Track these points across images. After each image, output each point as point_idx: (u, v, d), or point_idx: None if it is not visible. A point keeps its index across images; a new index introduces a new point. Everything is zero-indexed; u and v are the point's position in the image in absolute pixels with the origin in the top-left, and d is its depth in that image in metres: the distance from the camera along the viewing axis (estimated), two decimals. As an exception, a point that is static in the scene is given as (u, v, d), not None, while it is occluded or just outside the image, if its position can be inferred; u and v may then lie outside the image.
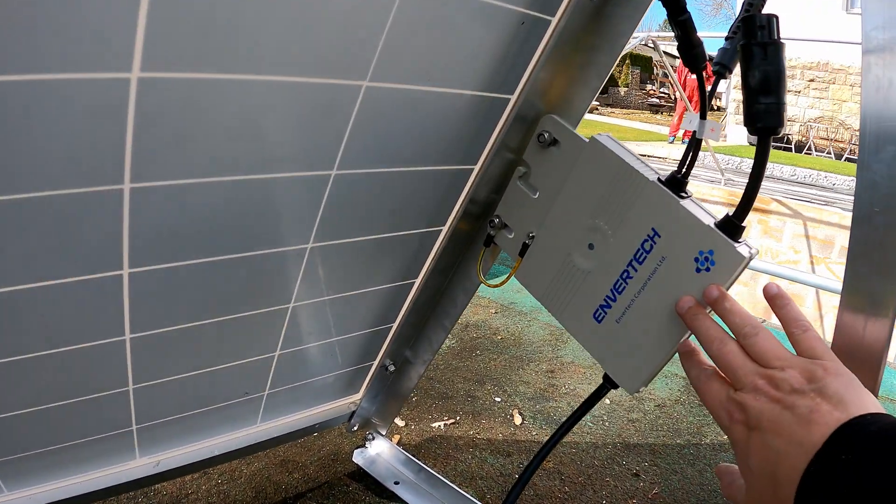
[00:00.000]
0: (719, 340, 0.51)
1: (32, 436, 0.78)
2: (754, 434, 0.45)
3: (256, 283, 0.74)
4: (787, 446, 0.42)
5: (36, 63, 0.43)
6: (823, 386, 0.43)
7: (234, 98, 0.53)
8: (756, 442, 0.44)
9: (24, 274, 0.57)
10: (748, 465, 0.45)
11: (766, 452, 0.43)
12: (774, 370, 0.47)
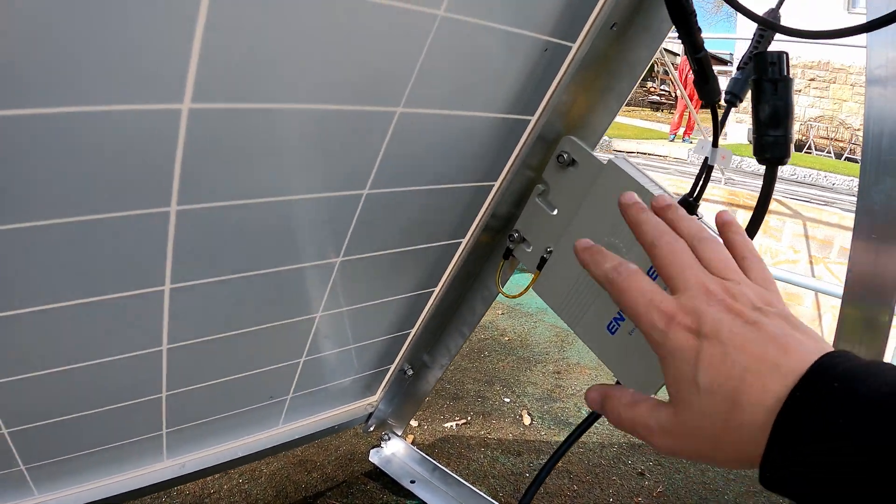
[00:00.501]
0: (670, 236, 0.44)
1: (67, 441, 0.80)
2: (708, 344, 0.36)
3: (288, 296, 0.78)
4: (757, 365, 0.35)
5: (97, 95, 0.46)
6: (787, 314, 0.38)
7: (277, 125, 0.57)
8: (711, 354, 0.36)
9: (75, 291, 0.61)
10: (693, 380, 0.36)
11: (726, 368, 0.35)
12: (730, 282, 0.40)
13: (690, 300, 0.39)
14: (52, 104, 0.45)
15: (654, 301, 0.39)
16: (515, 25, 0.61)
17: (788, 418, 0.32)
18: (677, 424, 0.38)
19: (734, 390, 0.35)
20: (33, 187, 0.50)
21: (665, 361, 0.39)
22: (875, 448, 0.29)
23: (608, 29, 0.66)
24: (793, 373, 0.33)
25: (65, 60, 0.43)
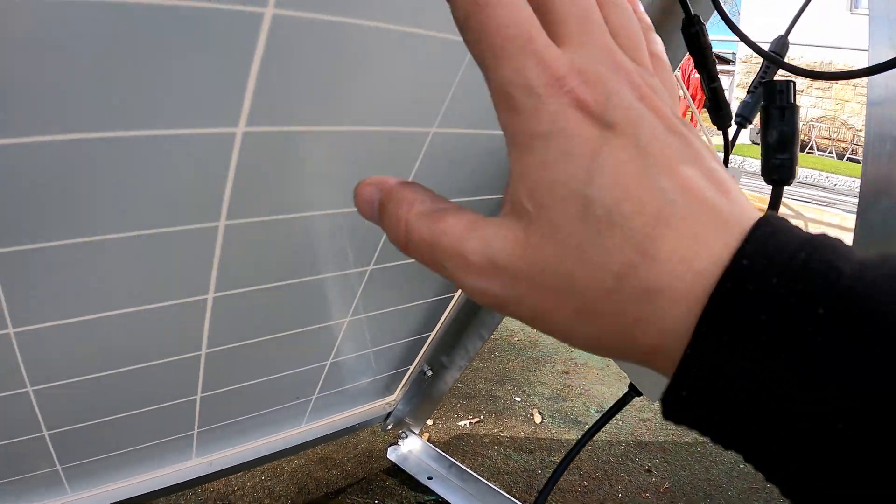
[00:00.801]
0: None
1: (102, 441, 0.84)
2: (619, 143, 0.21)
3: (320, 302, 0.83)
4: (689, 199, 0.21)
5: (159, 120, 0.50)
6: (688, 125, 0.24)
7: (322, 146, 0.61)
8: (622, 159, 0.21)
9: (126, 300, 0.65)
10: (579, 192, 0.21)
11: (643, 188, 0.21)
12: (642, 68, 0.25)
13: (592, 63, 0.23)
14: (126, 128, 0.49)
15: (536, 42, 0.22)
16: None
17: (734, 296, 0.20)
18: (523, 260, 0.22)
19: (649, 231, 0.21)
20: (101, 203, 0.54)
21: (527, 150, 0.22)
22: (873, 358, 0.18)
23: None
24: (737, 227, 0.21)
25: (138, 89, 0.47)
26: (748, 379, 0.19)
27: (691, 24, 0.58)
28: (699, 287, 0.20)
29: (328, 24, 0.51)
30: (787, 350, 0.19)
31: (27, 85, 0.42)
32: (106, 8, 0.41)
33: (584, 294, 0.21)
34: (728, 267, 0.20)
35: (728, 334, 0.19)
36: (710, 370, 0.20)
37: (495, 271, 0.22)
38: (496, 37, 0.22)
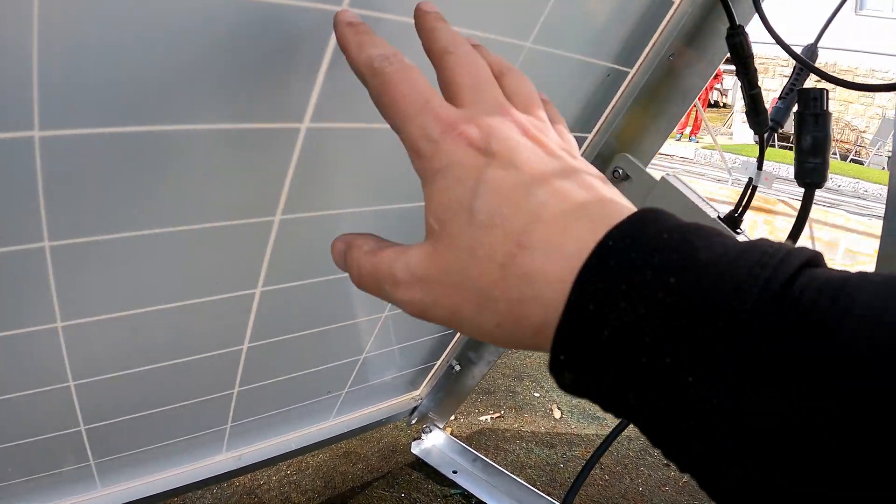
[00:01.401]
0: (471, 48, 0.34)
1: (137, 436, 0.85)
2: (497, 164, 0.27)
3: (361, 297, 0.84)
4: (558, 200, 0.26)
5: (229, 114, 0.52)
6: (578, 157, 0.30)
7: (376, 143, 0.63)
8: (500, 176, 0.27)
9: (175, 294, 0.66)
10: (467, 207, 0.27)
11: (517, 196, 0.26)
12: (535, 118, 0.32)
13: (480, 113, 0.29)
14: (191, 121, 0.51)
15: (431, 104, 0.29)
16: (588, 55, 0.68)
17: (596, 270, 0.23)
18: (433, 268, 0.28)
19: (522, 227, 0.25)
20: (162, 196, 0.56)
21: (431, 183, 0.29)
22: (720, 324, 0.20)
23: (666, 58, 0.73)
24: (604, 218, 0.25)
25: (210, 83, 0.49)
26: (611, 342, 0.22)
27: (736, 33, 0.60)
28: (569, 268, 0.24)
29: (395, 24, 0.53)
30: (643, 314, 0.22)
31: (101, 77, 0.44)
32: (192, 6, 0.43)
33: (479, 286, 0.26)
34: (595, 247, 0.24)
35: (593, 303, 0.23)
36: (581, 335, 0.23)
37: (416, 282, 0.28)
38: (400, 104, 0.30)
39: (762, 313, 0.20)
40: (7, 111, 0.42)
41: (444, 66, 0.33)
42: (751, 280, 0.21)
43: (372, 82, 0.32)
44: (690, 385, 0.21)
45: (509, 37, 0.61)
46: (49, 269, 0.54)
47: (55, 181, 0.48)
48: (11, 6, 0.37)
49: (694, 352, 0.21)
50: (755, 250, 0.22)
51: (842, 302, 0.20)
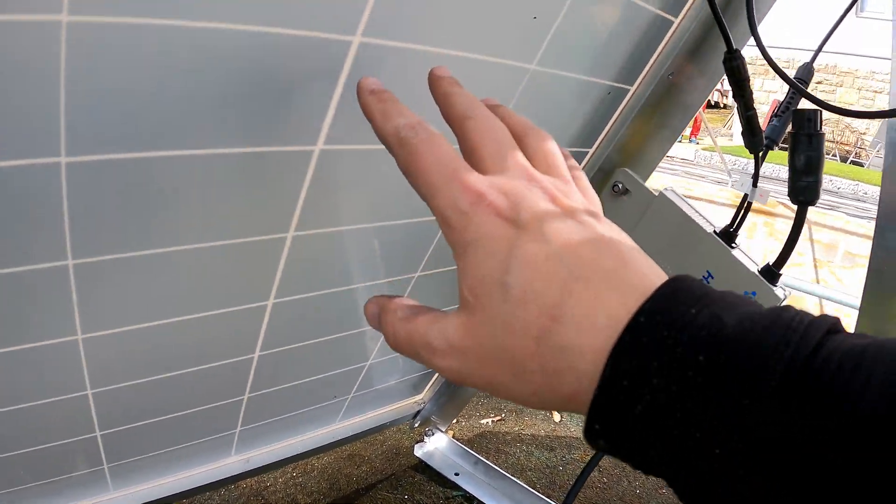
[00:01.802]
0: (489, 112, 0.35)
1: (149, 440, 0.87)
2: (528, 237, 0.28)
3: (369, 305, 0.87)
4: (589, 272, 0.27)
5: (240, 139, 0.54)
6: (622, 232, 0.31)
7: (384, 163, 0.65)
8: (530, 249, 0.27)
9: (192, 307, 0.69)
10: (500, 281, 0.27)
11: (548, 269, 0.27)
12: (558, 179, 0.33)
13: (508, 181, 0.30)
14: (210, 146, 0.53)
15: (459, 174, 0.30)
16: (589, 74, 0.70)
17: (630, 348, 0.24)
18: (469, 340, 0.28)
19: (555, 301, 0.26)
20: (182, 216, 0.58)
21: (463, 255, 0.29)
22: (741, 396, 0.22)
23: (665, 77, 0.75)
24: (633, 290, 0.26)
25: (228, 110, 0.51)
26: (644, 417, 0.24)
27: (733, 57, 0.63)
28: (602, 340, 0.25)
29: (410, 52, 0.55)
30: (674, 392, 0.23)
31: (125, 106, 0.46)
32: (215, 37, 0.45)
33: (514, 358, 0.27)
34: (628, 323, 0.25)
35: (627, 379, 0.24)
36: (615, 409, 0.24)
37: (452, 351, 0.29)
38: (428, 175, 0.31)
39: (786, 390, 0.21)
40: (36, 139, 0.44)
41: (465, 133, 0.34)
42: (776, 357, 0.22)
43: (399, 152, 0.33)
44: (717, 457, 0.22)
45: (515, 60, 0.63)
46: (72, 286, 0.57)
47: (80, 203, 0.50)
48: (40, 41, 0.39)
49: (722, 427, 0.22)
50: (780, 324, 0.23)
51: (861, 374, 0.21)
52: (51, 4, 0.38)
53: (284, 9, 0.46)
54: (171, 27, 0.43)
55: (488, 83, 0.63)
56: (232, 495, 1.24)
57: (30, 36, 0.39)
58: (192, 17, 0.43)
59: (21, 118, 0.42)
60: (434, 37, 0.56)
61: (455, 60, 0.59)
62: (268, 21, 0.46)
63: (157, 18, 0.42)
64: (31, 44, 0.39)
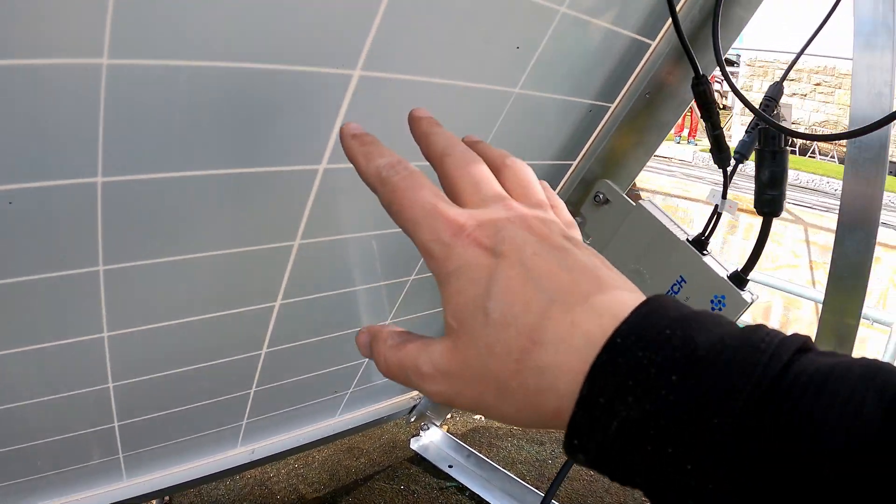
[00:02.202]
0: (467, 148, 0.38)
1: (163, 431, 0.93)
2: (506, 265, 0.29)
3: (369, 307, 0.93)
4: (565, 296, 0.28)
5: (253, 160, 0.60)
6: (599, 255, 0.32)
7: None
8: (509, 276, 0.29)
9: (207, 307, 0.75)
10: (481, 307, 0.29)
11: (527, 294, 0.28)
12: (536, 208, 0.34)
13: (486, 213, 0.32)
14: (227, 166, 0.60)
15: (439, 208, 0.32)
16: (572, 95, 0.77)
17: (606, 367, 0.25)
18: (455, 363, 0.30)
19: (534, 324, 0.28)
20: (204, 226, 0.65)
21: (446, 284, 0.31)
22: (709, 411, 0.23)
23: (643, 96, 0.82)
24: (609, 312, 0.27)
25: (243, 135, 0.58)
26: (620, 433, 0.25)
27: (700, 83, 0.69)
28: (579, 361, 0.26)
29: (399, 81, 0.61)
30: (648, 410, 0.24)
31: (155, 132, 0.53)
32: (221, 74, 0.52)
33: (497, 379, 0.29)
34: (604, 344, 0.26)
35: (603, 397, 0.25)
36: (592, 426, 0.26)
37: (440, 375, 0.31)
38: (410, 211, 0.32)
39: (753, 410, 0.23)
40: (77, 162, 0.51)
41: (444, 170, 0.36)
42: (744, 378, 0.23)
43: (381, 191, 0.34)
44: (689, 473, 0.23)
45: (499, 85, 0.69)
46: (101, 288, 0.63)
47: (112, 217, 0.57)
48: (84, 79, 0.46)
49: (693, 444, 0.23)
50: (749, 344, 0.24)
51: (825, 397, 0.22)
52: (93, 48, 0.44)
53: (294, 47, 0.53)
54: (195, 67, 0.49)
55: (476, 106, 0.70)
56: (237, 485, 1.30)
57: (75, 74, 0.45)
58: (215, 58, 0.50)
59: (65, 144, 0.49)
60: (426, 68, 0.62)
61: (444, 88, 0.65)
62: (279, 59, 0.53)
63: (183, 60, 0.48)
64: (76, 81, 0.46)
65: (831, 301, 0.82)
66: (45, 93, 0.45)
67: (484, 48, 0.64)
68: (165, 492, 1.04)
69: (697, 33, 0.78)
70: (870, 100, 0.74)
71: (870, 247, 0.73)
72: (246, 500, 1.26)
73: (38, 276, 0.59)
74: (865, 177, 0.71)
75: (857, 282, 0.74)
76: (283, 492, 1.29)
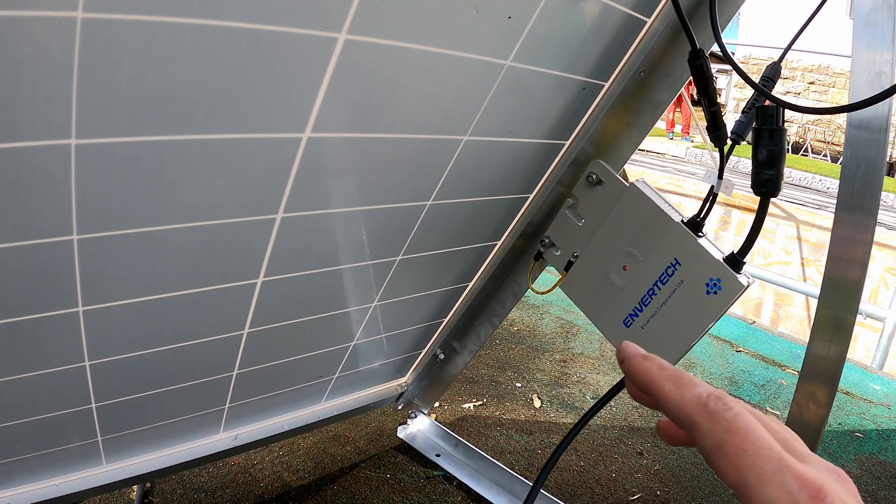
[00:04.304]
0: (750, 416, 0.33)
1: (142, 414, 0.91)
2: None
3: (354, 288, 0.91)
4: None
5: (239, 126, 0.58)
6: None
7: (369, 150, 0.70)
8: None
9: (187, 283, 0.73)
10: None
11: None
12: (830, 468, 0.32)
13: (824, 473, 0.30)
14: (205, 132, 0.57)
15: (786, 461, 0.29)
16: (564, 70, 0.75)
17: None
18: None
19: None
20: (181, 195, 0.62)
21: None
22: None
23: (637, 74, 0.80)
24: None
25: (223, 100, 0.56)
26: None
27: (696, 56, 0.67)
28: None
29: (387, 47, 0.59)
30: None
31: (130, 94, 0.51)
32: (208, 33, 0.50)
33: None
34: None
35: None
36: None
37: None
38: (755, 459, 0.29)
39: None
40: (50, 123, 0.48)
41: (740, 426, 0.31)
42: None
43: (707, 427, 0.31)
44: None
45: (491, 56, 0.67)
46: (75, 259, 0.61)
47: (87, 182, 0.54)
48: (56, 36, 0.43)
49: None
50: None
51: None
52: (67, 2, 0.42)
53: (277, 6, 0.50)
54: (174, 24, 0.47)
55: (466, 77, 0.68)
56: (220, 472, 1.28)
57: (48, 27, 0.43)
58: (194, 15, 0.47)
59: (37, 104, 0.47)
60: (414, 34, 0.60)
61: (433, 57, 0.63)
62: (261, 18, 0.50)
63: (163, 16, 0.46)
64: (49, 37, 0.44)
65: (829, 282, 0.80)
66: (16, 48, 0.43)
67: (475, 16, 0.62)
68: (146, 477, 1.02)
69: (695, 9, 0.76)
70: (870, 80, 0.72)
71: (869, 229, 0.72)
72: (229, 488, 1.24)
73: (9, 245, 0.56)
74: (865, 157, 0.70)
75: (854, 265, 0.73)
76: (267, 479, 1.27)
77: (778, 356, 2.18)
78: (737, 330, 2.39)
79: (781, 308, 5.40)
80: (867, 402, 1.93)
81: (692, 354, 2.09)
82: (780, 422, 0.33)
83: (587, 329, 2.17)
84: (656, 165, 7.90)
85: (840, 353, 0.77)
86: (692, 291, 0.77)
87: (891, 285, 4.93)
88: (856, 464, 1.55)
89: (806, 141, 10.58)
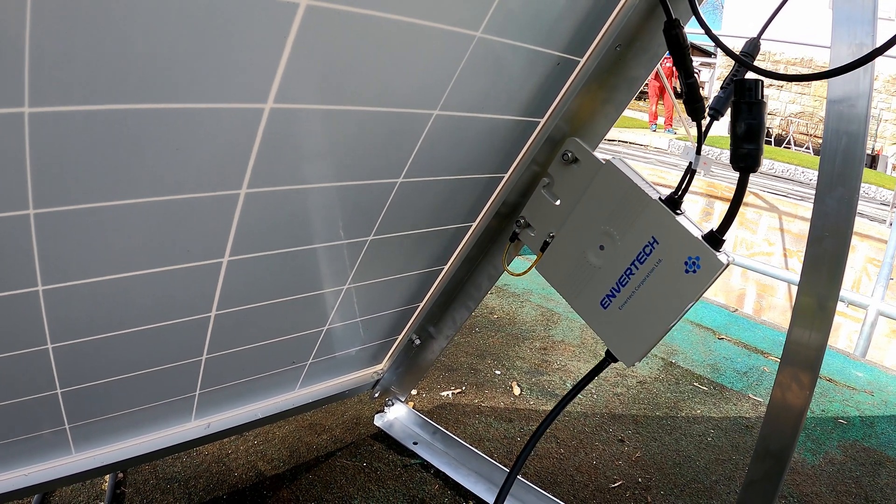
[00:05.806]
0: None
1: (110, 401, 0.89)
2: None
3: (323, 269, 0.89)
4: None
5: (200, 95, 0.56)
6: None
7: (335, 123, 0.67)
8: None
9: (150, 261, 0.70)
10: None
11: None
12: None
13: None
14: (163, 101, 0.55)
15: None
16: (537, 44, 0.72)
17: None
18: None
19: None
20: (141, 168, 0.60)
21: None
22: None
23: (613, 49, 0.78)
24: None
25: (181, 68, 0.53)
26: None
27: (672, 26, 0.65)
28: None
29: (351, 15, 0.57)
30: None
31: (86, 59, 0.48)
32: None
33: None
34: None
35: None
36: None
37: None
38: None
39: None
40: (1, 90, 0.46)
41: None
42: None
43: None
44: None
45: (459, 26, 0.65)
46: (32, 235, 0.58)
47: (43, 154, 0.52)
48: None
49: None
50: None
51: None
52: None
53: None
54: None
55: (434, 48, 0.65)
56: (193, 462, 1.26)
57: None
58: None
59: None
60: (378, 1, 0.57)
61: (399, 26, 0.61)
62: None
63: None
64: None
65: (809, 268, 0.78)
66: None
67: (442, -20, 0.60)
68: (117, 466, 0.99)
69: (671, -19, 0.74)
70: (851, 52, 0.71)
71: (852, 205, 0.70)
72: (203, 477, 1.22)
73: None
74: (847, 131, 0.68)
75: (836, 240, 0.71)
76: (241, 468, 1.24)
77: (760, 343, 2.18)
78: (719, 317, 2.39)
79: (764, 298, 5.43)
80: (850, 388, 1.93)
81: (674, 342, 2.09)
82: None
83: (568, 317, 2.15)
84: (639, 157, 7.91)
85: (822, 333, 0.76)
86: (671, 270, 0.75)
87: (873, 276, 4.97)
88: (840, 450, 1.55)
89: (788, 133, 10.64)
